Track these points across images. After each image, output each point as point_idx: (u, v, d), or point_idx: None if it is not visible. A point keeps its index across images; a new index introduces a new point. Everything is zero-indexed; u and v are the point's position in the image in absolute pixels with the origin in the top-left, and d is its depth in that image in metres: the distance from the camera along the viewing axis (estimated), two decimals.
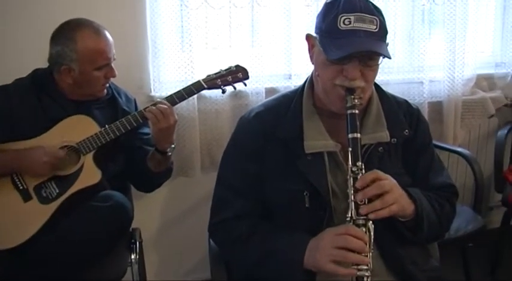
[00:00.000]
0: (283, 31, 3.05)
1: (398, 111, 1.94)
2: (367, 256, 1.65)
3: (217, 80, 2.50)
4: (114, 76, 2.42)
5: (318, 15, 1.77)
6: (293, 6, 3.04)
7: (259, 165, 1.88)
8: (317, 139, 1.83)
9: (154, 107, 2.35)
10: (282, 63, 3.12)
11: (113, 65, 2.39)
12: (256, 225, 1.88)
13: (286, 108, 1.91)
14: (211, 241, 2.08)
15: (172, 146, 2.44)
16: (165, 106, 2.35)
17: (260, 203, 1.90)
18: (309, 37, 1.83)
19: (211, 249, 2.11)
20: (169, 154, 2.44)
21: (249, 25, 3.07)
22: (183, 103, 2.58)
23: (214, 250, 2.08)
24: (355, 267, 1.65)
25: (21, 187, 2.28)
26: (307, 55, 1.86)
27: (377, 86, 1.94)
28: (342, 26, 1.66)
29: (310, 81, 1.91)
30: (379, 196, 1.69)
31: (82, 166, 2.31)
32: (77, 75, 2.34)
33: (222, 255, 2.06)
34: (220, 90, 2.54)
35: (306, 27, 3.08)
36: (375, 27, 1.67)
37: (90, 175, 2.30)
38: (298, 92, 1.93)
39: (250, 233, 1.86)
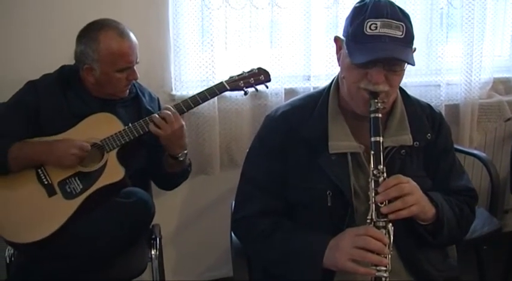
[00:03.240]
0: (302, 32, 3.06)
1: (422, 115, 1.96)
2: (386, 257, 1.67)
3: (239, 82, 2.52)
4: (135, 79, 2.43)
5: (347, 18, 1.79)
6: (313, 8, 3.05)
7: (283, 163, 1.89)
8: (341, 140, 1.86)
9: (156, 115, 2.36)
10: (301, 64, 3.14)
11: (135, 67, 2.41)
12: (278, 222, 1.89)
13: (312, 108, 1.93)
14: (233, 236, 2.09)
15: (185, 151, 2.45)
16: (168, 112, 2.35)
17: (283, 200, 1.92)
18: (337, 39, 1.85)
19: (233, 244, 2.12)
20: (181, 158, 2.44)
21: (268, 26, 3.07)
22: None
23: (236, 245, 2.09)
24: (374, 267, 1.66)
25: (46, 182, 2.30)
26: (326, 57, 1.88)
27: (401, 90, 1.96)
28: (368, 31, 1.68)
29: (336, 83, 1.93)
30: (400, 198, 1.71)
31: (106, 163, 2.33)
32: (98, 75, 2.37)
33: (244, 250, 2.07)
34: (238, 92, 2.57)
35: (326, 29, 3.13)
36: (400, 33, 1.69)
37: (113, 172, 2.32)
38: (324, 93, 1.95)
39: (273, 230, 1.87)
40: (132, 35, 2.39)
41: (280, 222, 1.90)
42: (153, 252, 2.55)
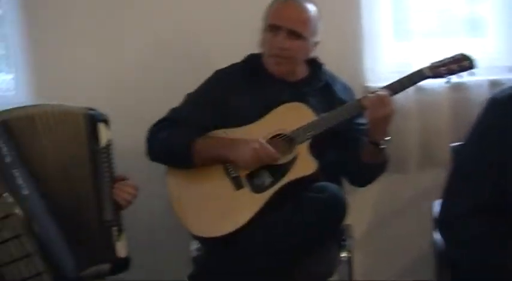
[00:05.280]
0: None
1: None
2: None
3: (441, 68, 2.32)
4: (277, 47, 2.31)
5: None
6: None
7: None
8: None
9: (372, 95, 2.23)
10: (506, 54, 2.90)
11: (284, 37, 2.28)
12: (495, 224, 1.70)
13: None
14: (437, 238, 1.94)
15: (387, 138, 2.30)
16: (384, 93, 2.23)
17: (504, 199, 1.70)
18: None
19: (436, 247, 1.97)
20: (383, 146, 2.29)
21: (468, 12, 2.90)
22: (399, 94, 2.40)
23: (440, 248, 1.94)
24: None
25: (233, 175, 2.27)
26: None
27: None
28: None
29: None
30: None
31: (297, 156, 2.25)
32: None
33: (449, 253, 1.90)
34: (439, 81, 2.39)
35: None
36: None
37: (305, 164, 2.23)
38: None
39: (489, 233, 1.69)
40: (304, 6, 2.32)
41: (497, 224, 1.70)
42: (343, 254, 2.42)
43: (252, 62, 2.44)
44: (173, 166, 2.33)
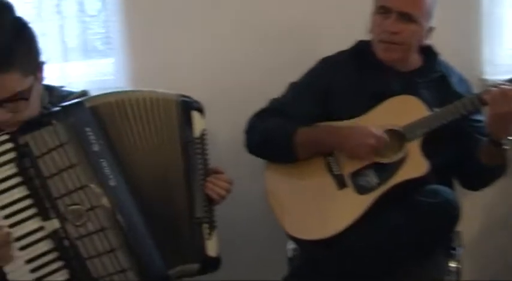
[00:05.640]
0: None
1: None
2: None
3: None
4: (387, 31, 2.14)
5: None
6: None
7: None
8: None
9: (495, 89, 2.05)
10: None
11: (394, 20, 2.11)
12: None
13: None
14: None
15: (510, 138, 2.11)
16: (509, 88, 2.04)
17: None
18: None
19: None
20: (505, 147, 2.11)
21: None
22: None
23: None
24: None
25: (336, 172, 2.15)
26: None
27: None
28: None
29: None
30: None
31: (406, 155, 2.10)
32: None
33: None
34: None
35: None
36: None
37: (415, 165, 2.08)
38: None
39: None
40: None
41: None
42: (452, 264, 2.25)
43: (361, 49, 2.30)
44: (274, 160, 2.24)
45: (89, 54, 2.71)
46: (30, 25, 1.64)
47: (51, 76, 2.45)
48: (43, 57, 1.68)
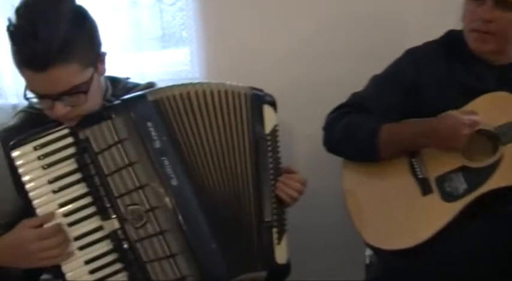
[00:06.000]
0: None
1: None
2: None
3: None
4: (479, 18, 1.95)
5: None
6: None
7: None
8: None
9: None
10: None
11: (490, 7, 1.91)
12: None
13: None
14: None
15: None
16: None
17: None
18: None
19: None
20: None
21: None
22: None
23: None
24: None
25: (420, 176, 1.99)
26: None
27: None
28: None
29: None
30: None
31: (500, 159, 1.92)
32: None
33: None
34: None
35: None
36: None
37: (510, 171, 1.90)
38: None
39: None
40: None
41: None
42: None
43: (451, 41, 2.13)
44: (355, 158, 2.12)
45: (164, 44, 2.70)
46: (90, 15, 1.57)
47: (126, 66, 2.44)
48: (118, 48, 1.61)
